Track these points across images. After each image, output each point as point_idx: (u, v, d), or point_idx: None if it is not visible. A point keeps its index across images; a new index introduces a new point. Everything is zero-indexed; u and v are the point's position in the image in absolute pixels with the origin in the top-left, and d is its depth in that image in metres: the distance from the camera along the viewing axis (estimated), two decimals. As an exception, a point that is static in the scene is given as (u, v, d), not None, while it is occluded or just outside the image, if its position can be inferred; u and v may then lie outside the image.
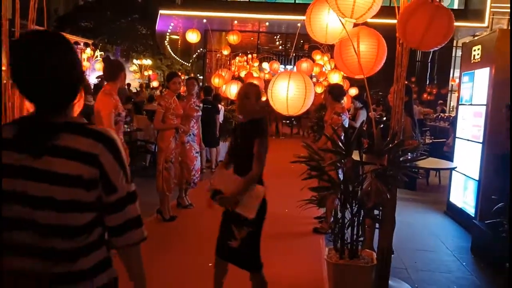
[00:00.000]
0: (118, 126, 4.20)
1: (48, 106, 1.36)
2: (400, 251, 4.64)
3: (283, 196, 6.48)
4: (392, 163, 3.36)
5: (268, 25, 21.30)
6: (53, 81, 1.32)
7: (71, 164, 1.31)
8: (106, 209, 1.40)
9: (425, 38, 2.96)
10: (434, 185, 8.80)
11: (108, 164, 1.37)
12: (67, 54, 1.36)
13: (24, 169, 1.31)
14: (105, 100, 4.11)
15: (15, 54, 1.36)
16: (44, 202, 1.30)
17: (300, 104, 3.67)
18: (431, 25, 2.92)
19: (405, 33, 3.09)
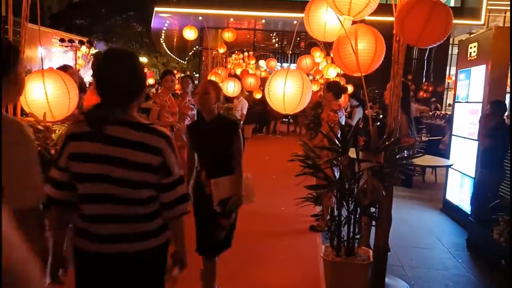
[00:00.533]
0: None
1: (116, 105, 1.78)
2: (396, 249, 4.65)
3: (279, 194, 6.48)
4: (389, 160, 3.35)
5: (264, 23, 21.27)
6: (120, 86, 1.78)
7: (143, 155, 1.77)
8: (164, 188, 1.85)
9: (423, 35, 2.95)
10: (430, 183, 8.82)
11: (168, 155, 1.83)
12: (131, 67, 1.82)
13: (107, 157, 1.73)
14: (93, 98, 4.10)
15: (98, 65, 1.88)
16: (123, 182, 1.75)
17: (297, 102, 3.65)
18: (430, 22, 2.91)
19: (403, 30, 3.08)
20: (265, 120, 16.22)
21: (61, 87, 3.57)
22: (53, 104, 3.53)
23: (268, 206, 5.91)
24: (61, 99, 3.58)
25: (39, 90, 3.47)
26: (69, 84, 3.64)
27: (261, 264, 3.02)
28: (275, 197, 6.45)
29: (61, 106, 3.61)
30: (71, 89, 3.65)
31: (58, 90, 3.54)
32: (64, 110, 3.63)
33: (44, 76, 3.50)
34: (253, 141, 12.70)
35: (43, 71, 3.58)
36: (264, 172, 7.70)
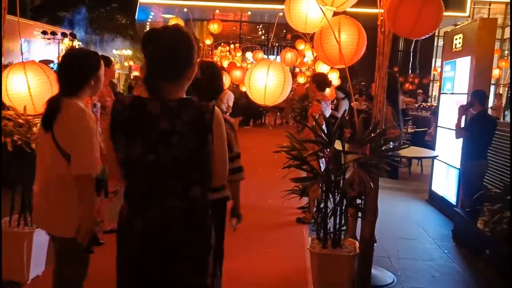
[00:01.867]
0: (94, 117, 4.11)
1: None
2: (382, 240, 4.66)
3: (266, 187, 6.46)
4: (374, 152, 3.35)
5: (250, 15, 21.17)
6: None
7: None
8: None
9: (416, 26, 2.94)
10: (416, 174, 8.88)
11: (231, 136, 2.43)
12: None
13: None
14: None
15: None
16: None
17: (278, 94, 3.62)
18: (422, 13, 2.89)
19: (395, 22, 3.05)
20: (252, 112, 16.18)
21: (44, 80, 3.48)
22: (36, 97, 3.45)
23: (255, 199, 5.88)
24: (44, 92, 3.50)
25: (21, 83, 3.38)
26: (51, 77, 3.55)
27: (248, 257, 3.00)
28: (262, 190, 6.42)
29: (44, 99, 3.49)
30: (53, 82, 3.57)
31: (41, 83, 3.46)
32: (47, 102, 3.56)
33: (25, 69, 3.42)
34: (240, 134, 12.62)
35: (24, 63, 3.49)
36: (251, 165, 7.64)
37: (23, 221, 3.57)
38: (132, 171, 1.76)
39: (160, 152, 1.71)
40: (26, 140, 3.38)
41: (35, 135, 3.46)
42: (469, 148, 5.27)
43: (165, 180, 1.74)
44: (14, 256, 3.41)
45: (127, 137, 1.73)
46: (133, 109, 1.74)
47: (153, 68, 1.77)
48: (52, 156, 2.30)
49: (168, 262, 1.76)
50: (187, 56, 1.80)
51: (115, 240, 1.89)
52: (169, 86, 1.77)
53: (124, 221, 1.82)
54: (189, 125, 1.71)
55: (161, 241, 1.75)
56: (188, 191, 1.76)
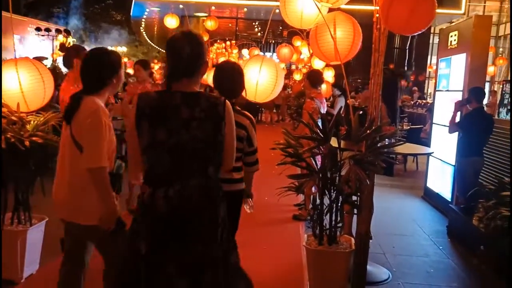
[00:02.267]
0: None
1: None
2: (378, 236, 4.67)
3: (262, 184, 6.42)
4: (370, 149, 3.34)
5: (246, 11, 21.10)
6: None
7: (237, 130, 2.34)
8: (246, 153, 2.83)
9: (409, 22, 2.93)
10: (411, 171, 8.90)
11: (251, 131, 2.80)
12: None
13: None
14: (66, 88, 3.99)
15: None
16: None
17: (270, 91, 3.59)
18: (415, 9, 2.88)
19: (388, 18, 3.04)
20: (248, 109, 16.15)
21: (36, 77, 3.45)
22: (28, 94, 3.42)
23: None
24: (36, 89, 3.47)
25: (12, 80, 3.35)
26: (44, 73, 3.52)
27: (244, 254, 2.97)
28: (258, 187, 6.38)
29: (36, 96, 3.49)
30: (46, 79, 3.54)
31: (33, 80, 3.43)
32: (39, 100, 3.52)
33: (17, 65, 3.39)
34: (236, 131, 12.62)
35: (16, 60, 3.46)
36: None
37: (17, 219, 3.55)
38: (156, 154, 2.01)
39: (182, 136, 1.98)
40: (19, 138, 3.35)
41: (28, 133, 3.44)
42: (464, 145, 5.28)
43: (185, 160, 2.01)
44: (8, 255, 3.39)
45: (152, 124, 1.99)
46: (158, 100, 2.03)
47: (174, 67, 2.07)
48: (70, 149, 2.46)
49: (185, 232, 1.99)
50: (200, 56, 2.10)
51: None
52: (186, 81, 2.07)
53: (146, 199, 2.02)
54: (205, 112, 2.01)
55: (180, 214, 1.99)
56: (204, 170, 2.04)
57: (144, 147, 2.01)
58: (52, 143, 3.48)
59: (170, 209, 1.98)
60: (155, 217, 2.00)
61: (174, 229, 1.98)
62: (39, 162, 3.50)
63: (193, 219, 2.00)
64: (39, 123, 3.55)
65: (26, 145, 3.32)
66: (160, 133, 1.98)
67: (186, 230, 1.99)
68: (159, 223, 1.99)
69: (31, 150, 3.35)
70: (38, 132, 3.48)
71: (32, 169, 3.48)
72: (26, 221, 3.58)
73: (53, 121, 3.65)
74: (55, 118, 3.69)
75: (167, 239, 1.99)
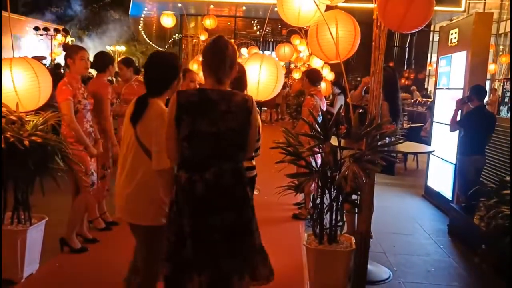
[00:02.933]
0: (79, 114, 4.05)
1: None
2: (378, 235, 4.66)
3: (262, 183, 6.41)
4: (370, 147, 3.32)
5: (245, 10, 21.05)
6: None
7: None
8: None
9: (405, 19, 2.91)
10: (412, 170, 8.89)
11: (260, 123, 2.83)
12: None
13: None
14: (60, 89, 3.98)
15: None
16: None
17: (271, 89, 3.58)
18: (411, 6, 2.87)
19: (384, 15, 3.03)
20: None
21: (31, 76, 3.43)
22: (22, 94, 3.40)
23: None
24: (31, 89, 3.45)
25: (6, 79, 3.33)
26: (40, 73, 3.50)
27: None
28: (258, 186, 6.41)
29: (31, 96, 3.46)
30: (42, 78, 3.51)
31: (27, 80, 3.40)
32: (34, 100, 3.50)
33: (12, 65, 3.36)
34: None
35: (11, 59, 3.45)
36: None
37: (17, 218, 3.54)
38: (196, 142, 2.31)
39: (220, 126, 2.30)
40: (18, 137, 3.33)
41: (28, 132, 3.42)
42: (466, 143, 5.26)
43: (222, 147, 2.34)
44: (8, 254, 3.38)
45: (193, 116, 2.30)
46: (199, 96, 2.36)
47: (211, 69, 2.39)
48: (134, 150, 2.58)
49: (222, 209, 2.35)
50: (232, 60, 2.44)
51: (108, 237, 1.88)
52: (220, 81, 2.39)
53: (184, 182, 2.33)
54: (238, 107, 2.34)
55: (217, 194, 2.34)
56: (236, 155, 2.40)
57: (185, 136, 2.31)
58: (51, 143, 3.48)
59: (208, 190, 2.31)
60: (195, 198, 2.32)
61: (212, 206, 2.33)
62: (39, 162, 3.48)
63: (227, 196, 2.37)
64: (38, 122, 3.54)
65: (26, 145, 3.30)
66: (202, 124, 2.30)
67: (222, 205, 2.35)
68: (199, 203, 2.32)
69: (31, 149, 3.33)
70: (38, 131, 3.46)
71: (32, 169, 3.46)
72: (26, 220, 3.57)
73: (52, 121, 3.64)
74: (54, 117, 3.68)
75: (208, 215, 2.33)
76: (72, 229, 4.13)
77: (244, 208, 2.46)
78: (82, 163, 3.97)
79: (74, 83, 4.04)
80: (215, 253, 2.38)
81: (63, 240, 4.11)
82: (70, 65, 4.11)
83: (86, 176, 4.09)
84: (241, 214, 2.44)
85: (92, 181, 4.16)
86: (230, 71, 2.44)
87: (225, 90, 2.42)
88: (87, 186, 4.12)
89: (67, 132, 4.01)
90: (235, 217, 2.41)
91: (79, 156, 3.98)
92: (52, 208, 4.25)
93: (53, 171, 3.55)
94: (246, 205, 2.47)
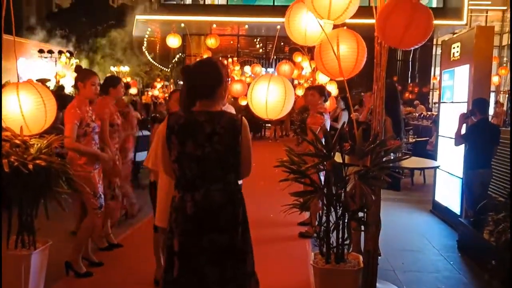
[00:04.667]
0: (88, 137, 4.07)
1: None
2: (387, 252, 4.59)
3: (268, 201, 6.40)
4: (375, 164, 3.30)
5: (247, 28, 21.25)
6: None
7: None
8: None
9: (405, 36, 2.91)
10: (419, 184, 8.80)
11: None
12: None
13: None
14: (67, 112, 4.01)
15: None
16: None
17: (280, 108, 3.60)
18: (411, 24, 2.87)
19: (384, 33, 3.03)
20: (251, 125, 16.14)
21: (37, 101, 3.45)
22: (29, 118, 3.42)
23: (257, 213, 5.81)
24: (37, 113, 3.47)
25: (13, 104, 3.36)
26: (46, 97, 3.52)
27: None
28: (263, 204, 6.37)
29: (37, 120, 3.49)
30: (48, 102, 3.54)
31: (34, 104, 3.43)
32: (40, 124, 3.52)
33: (18, 89, 3.39)
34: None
35: (17, 84, 3.48)
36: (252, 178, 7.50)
37: (21, 243, 3.52)
38: (184, 163, 2.36)
39: (205, 148, 2.33)
40: (22, 161, 3.34)
41: (32, 156, 3.42)
42: (471, 157, 5.21)
43: (209, 168, 2.36)
44: (12, 279, 3.35)
45: (181, 138, 2.34)
46: (186, 118, 2.38)
47: (193, 90, 2.44)
48: None
49: (210, 230, 2.36)
50: (217, 79, 2.43)
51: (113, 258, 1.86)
52: (207, 102, 2.42)
53: (177, 202, 2.41)
54: (225, 128, 2.35)
55: (206, 214, 2.36)
56: (225, 176, 2.39)
57: (175, 158, 2.38)
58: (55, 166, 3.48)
59: (197, 210, 2.35)
60: (185, 217, 2.37)
61: (201, 226, 2.35)
62: (43, 185, 3.48)
63: (217, 218, 2.37)
64: (42, 146, 3.54)
65: (30, 168, 3.30)
66: (188, 146, 2.34)
67: (211, 226, 2.36)
68: (189, 222, 2.36)
69: (35, 173, 3.33)
70: (42, 155, 3.47)
71: (36, 192, 3.45)
72: (30, 245, 3.55)
73: (56, 144, 3.65)
74: (59, 140, 3.69)
75: (196, 235, 2.36)
76: (78, 252, 4.10)
77: (235, 230, 2.43)
78: (90, 185, 3.97)
79: (82, 107, 4.07)
80: (202, 277, 2.37)
81: (68, 264, 4.08)
82: (80, 89, 4.15)
83: (95, 199, 4.08)
84: (233, 236, 2.41)
85: (100, 204, 4.15)
86: (220, 91, 2.46)
87: (214, 111, 2.42)
88: (95, 209, 4.10)
89: (75, 154, 4.02)
90: (226, 239, 2.40)
91: (87, 178, 3.98)
92: (57, 231, 4.23)
93: (58, 194, 3.54)
94: (238, 227, 2.44)
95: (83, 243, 4.14)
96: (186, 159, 2.37)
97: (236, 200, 2.45)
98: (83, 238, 4.13)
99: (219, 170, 2.38)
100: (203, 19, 19.02)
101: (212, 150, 2.34)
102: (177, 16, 18.28)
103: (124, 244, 4.93)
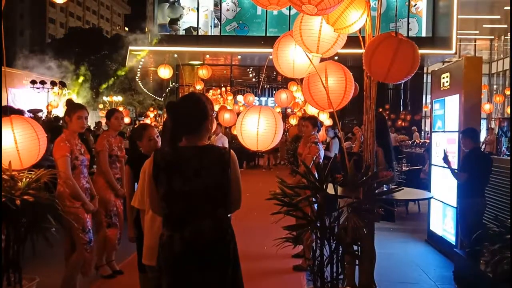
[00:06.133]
0: (77, 170, 4.06)
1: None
2: (382, 285, 4.49)
3: (260, 233, 6.31)
4: (367, 196, 3.27)
5: (240, 58, 21.47)
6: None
7: None
8: None
9: (390, 71, 2.94)
10: (413, 213, 8.74)
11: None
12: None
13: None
14: (58, 145, 4.01)
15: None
16: None
17: (270, 139, 3.59)
18: (396, 59, 2.89)
19: (370, 67, 3.06)
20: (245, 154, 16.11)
21: (31, 135, 3.44)
22: (23, 152, 3.40)
23: (250, 245, 5.74)
24: (31, 146, 3.45)
25: (8, 138, 3.33)
26: (38, 131, 3.51)
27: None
28: (256, 236, 6.28)
29: (31, 153, 3.47)
30: (41, 135, 3.53)
31: (28, 138, 3.41)
32: (34, 157, 3.50)
33: (12, 124, 3.37)
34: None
35: (11, 118, 3.45)
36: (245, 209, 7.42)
37: (6, 280, 3.43)
38: (172, 200, 2.32)
39: (193, 183, 2.29)
40: (10, 197, 3.28)
41: (20, 191, 3.37)
42: (465, 186, 5.19)
43: (198, 204, 2.31)
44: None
45: (169, 174, 2.30)
46: (173, 154, 2.36)
47: (178, 125, 2.40)
48: None
49: (200, 267, 2.31)
50: (202, 114, 2.41)
51: None
52: (194, 136, 2.40)
53: (165, 240, 2.35)
54: (213, 162, 2.33)
55: (195, 251, 2.31)
56: (214, 211, 2.34)
57: (162, 195, 2.33)
58: (43, 201, 3.42)
59: (186, 247, 2.30)
60: (174, 256, 2.32)
61: (191, 264, 2.30)
62: (31, 221, 3.41)
63: (206, 255, 2.31)
64: (31, 180, 3.49)
65: (17, 204, 3.24)
66: (176, 182, 2.29)
67: (201, 265, 2.31)
68: (178, 260, 2.31)
69: (22, 208, 3.27)
70: (30, 190, 3.42)
71: (23, 228, 3.38)
72: (16, 283, 3.45)
73: (45, 178, 3.60)
74: (47, 174, 3.64)
75: (185, 273, 2.32)
76: None
77: (226, 268, 2.39)
78: (78, 221, 3.92)
79: (71, 140, 4.07)
80: None
81: None
82: (67, 123, 4.14)
83: (83, 234, 4.01)
84: (225, 272, 2.37)
85: (90, 239, 4.07)
86: (206, 124, 2.44)
87: (201, 146, 2.41)
88: (85, 244, 4.03)
89: (63, 189, 3.97)
90: (218, 276, 2.35)
91: (75, 214, 3.93)
92: (44, 268, 4.13)
93: (45, 230, 3.47)
94: (229, 265, 2.40)
95: (71, 279, 4.04)
96: (174, 195, 2.31)
97: (226, 236, 2.40)
98: (71, 274, 4.03)
99: (208, 205, 2.34)
100: (197, 49, 19.23)
101: (201, 185, 2.30)
102: (171, 47, 18.46)
103: (125, 271, 4.95)
